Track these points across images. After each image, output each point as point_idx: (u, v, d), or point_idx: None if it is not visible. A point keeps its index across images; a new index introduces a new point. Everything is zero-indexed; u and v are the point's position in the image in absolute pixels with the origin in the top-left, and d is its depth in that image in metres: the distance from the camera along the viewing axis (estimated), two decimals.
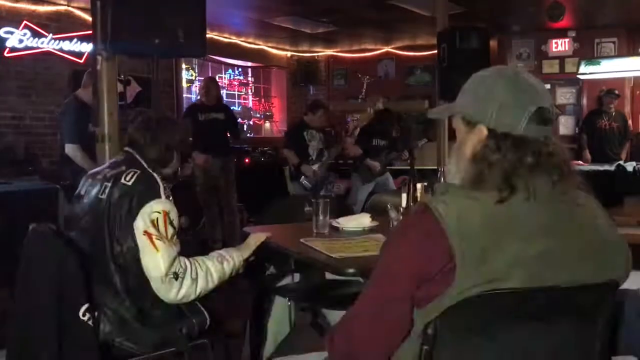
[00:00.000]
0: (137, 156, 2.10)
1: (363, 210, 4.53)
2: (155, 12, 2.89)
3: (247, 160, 7.70)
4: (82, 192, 2.10)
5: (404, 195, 2.25)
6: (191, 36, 3.05)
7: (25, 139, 6.03)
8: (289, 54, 10.28)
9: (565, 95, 8.47)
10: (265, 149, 8.38)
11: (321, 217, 2.35)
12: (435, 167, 5.96)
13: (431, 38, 7.23)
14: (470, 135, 1.29)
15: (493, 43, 6.75)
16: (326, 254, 1.97)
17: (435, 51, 5.60)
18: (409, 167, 6.16)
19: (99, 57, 3.11)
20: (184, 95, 8.69)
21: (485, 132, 1.25)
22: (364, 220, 2.46)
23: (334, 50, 10.15)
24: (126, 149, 2.16)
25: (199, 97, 6.50)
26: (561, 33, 8.25)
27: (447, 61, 5.27)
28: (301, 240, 2.20)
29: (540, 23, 7.78)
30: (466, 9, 6.64)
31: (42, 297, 1.85)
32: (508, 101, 1.24)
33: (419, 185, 2.08)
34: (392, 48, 9.73)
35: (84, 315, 1.83)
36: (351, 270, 1.85)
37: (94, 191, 2.03)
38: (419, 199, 2.08)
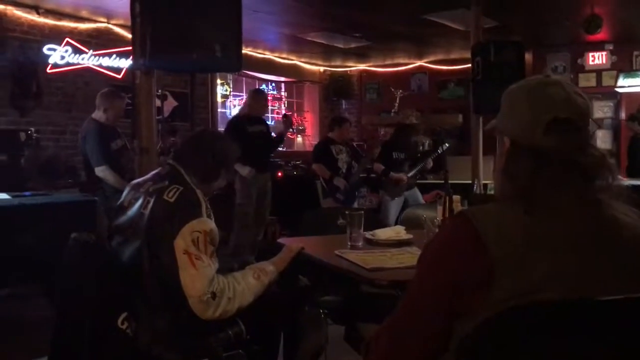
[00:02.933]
0: (182, 171, 2.12)
1: (396, 224, 4.52)
2: (193, 28, 2.94)
3: (279, 174, 7.75)
4: (125, 203, 2.13)
5: (439, 208, 2.24)
6: (227, 51, 3.09)
7: (65, 152, 6.19)
8: (321, 68, 10.35)
9: (602, 109, 8.32)
10: (297, 162, 8.42)
11: (355, 230, 2.34)
12: (470, 182, 5.91)
13: (465, 52, 7.20)
14: (501, 148, 1.31)
15: (528, 56, 6.70)
16: (361, 266, 1.97)
17: (469, 65, 5.57)
18: (442, 182, 6.18)
19: (138, 72, 3.18)
20: (219, 110, 8.82)
21: (508, 143, 1.27)
22: (399, 233, 2.45)
23: (367, 64, 10.18)
24: (171, 162, 2.18)
25: (243, 109, 6.34)
26: (598, 46, 8.12)
27: (482, 75, 5.23)
28: (335, 252, 2.20)
29: (576, 36, 7.68)
30: (501, 23, 6.60)
31: (81, 305, 1.89)
32: (524, 112, 1.24)
33: (455, 198, 2.07)
34: (425, 62, 9.71)
35: (122, 323, 1.86)
36: (386, 283, 1.85)
37: (137, 204, 2.06)
38: (455, 212, 2.07)
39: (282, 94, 10.27)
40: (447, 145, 6.31)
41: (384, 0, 6.05)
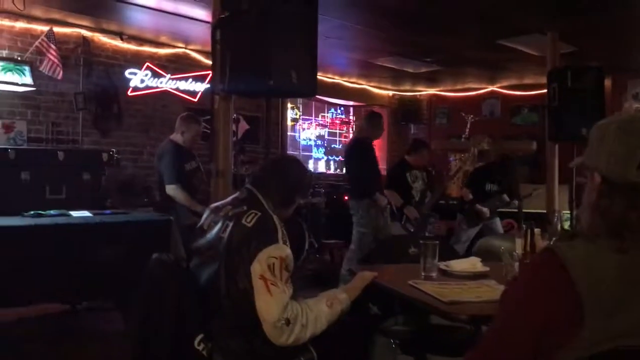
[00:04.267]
0: (259, 196, 2.16)
1: (467, 253, 4.41)
2: (270, 54, 3.01)
3: (346, 198, 7.76)
4: (205, 226, 2.18)
5: (518, 241, 2.17)
6: (303, 77, 3.14)
7: (142, 172, 6.44)
8: (390, 92, 10.35)
9: None
10: None
11: (429, 260, 2.30)
12: (544, 211, 5.72)
13: (539, 77, 7.04)
14: (590, 183, 1.28)
15: (607, 82, 6.44)
16: (437, 298, 1.93)
17: (544, 90, 5.43)
18: (515, 210, 6.00)
19: (217, 97, 3.28)
20: (288, 133, 8.95)
21: (599, 179, 1.24)
22: (475, 265, 2.39)
23: (436, 89, 10.10)
24: (249, 187, 2.23)
25: (361, 132, 5.97)
26: None
27: (558, 101, 5.08)
28: (410, 282, 2.17)
29: None
30: (578, 48, 6.41)
31: (160, 323, 1.94)
32: (615, 147, 1.21)
33: (536, 231, 2.00)
34: (498, 87, 9.54)
35: (199, 344, 1.90)
36: (464, 317, 1.80)
37: (216, 228, 2.11)
38: (537, 245, 2.00)
39: (351, 117, 10.32)
40: (538, 190, 6.01)
41: (458, 26, 6.01)
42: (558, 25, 5.65)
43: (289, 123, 9.09)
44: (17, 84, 5.06)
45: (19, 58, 5.56)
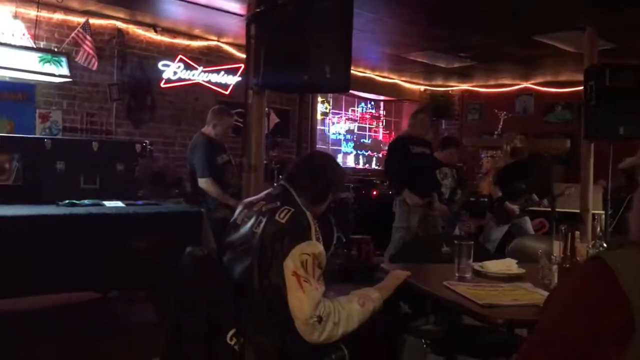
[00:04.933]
0: (293, 192, 2.16)
1: (496, 252, 4.35)
2: (305, 49, 2.99)
3: (374, 193, 7.73)
4: (239, 221, 2.19)
5: (556, 243, 2.12)
6: (337, 72, 3.11)
7: (174, 163, 6.50)
8: (422, 87, 10.26)
9: None
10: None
11: (464, 260, 2.28)
12: (577, 211, 5.61)
13: (575, 74, 6.90)
14: None
15: None
16: (473, 300, 1.90)
17: (580, 88, 5.32)
18: (547, 209, 5.90)
19: (250, 92, 3.27)
20: (318, 127, 8.94)
21: None
22: (510, 266, 2.35)
23: (469, 84, 9.98)
24: (282, 183, 2.22)
25: (407, 130, 5.67)
26: None
27: (595, 99, 4.97)
28: (444, 283, 2.14)
29: None
30: (617, 45, 6.25)
31: (193, 317, 1.95)
32: None
33: (576, 233, 1.95)
34: (532, 83, 9.38)
35: (231, 339, 1.90)
36: (500, 321, 1.77)
37: (250, 223, 2.11)
38: (577, 249, 1.95)
39: (381, 112, 10.27)
40: (572, 189, 5.85)
41: (494, 22, 5.91)
42: (597, 22, 5.52)
43: (319, 117, 9.07)
44: (54, 75, 5.14)
45: (56, 49, 5.65)
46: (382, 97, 10.00)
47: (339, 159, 9.38)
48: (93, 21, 6.03)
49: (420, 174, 5.02)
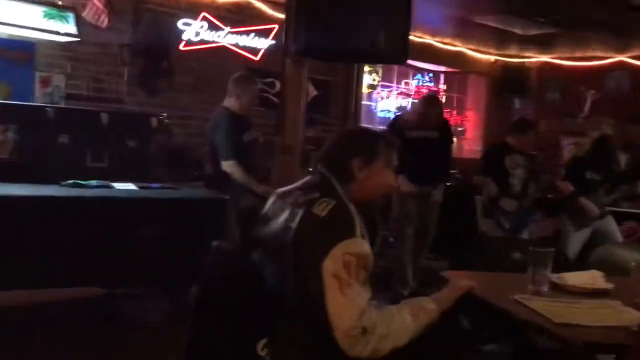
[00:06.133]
0: (333, 180, 2.18)
1: (577, 261, 4.33)
2: (355, 13, 3.02)
3: None
4: (270, 214, 2.22)
5: None
6: (392, 40, 3.14)
7: (194, 141, 6.58)
8: (492, 58, 10.15)
9: None
10: (453, 171, 8.32)
11: (540, 271, 2.29)
12: None
13: None
14: None
15: None
16: (548, 318, 1.92)
17: None
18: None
19: (288, 60, 3.32)
20: (363, 102, 8.93)
21: None
22: (595, 280, 2.36)
23: (549, 55, 9.85)
24: (321, 169, 2.24)
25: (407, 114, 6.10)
26: None
27: None
28: (515, 297, 2.16)
29: None
30: None
31: (219, 324, 2.02)
32: None
33: None
34: (628, 57, 9.19)
35: (262, 350, 1.96)
36: (580, 344, 1.78)
37: (283, 216, 2.14)
38: None
39: (441, 87, 10.21)
40: None
41: None
42: None
43: (365, 90, 9.07)
44: (59, 33, 5.26)
45: (61, 3, 5.77)
46: (442, 68, 9.94)
47: None
48: None
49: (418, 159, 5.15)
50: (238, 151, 4.69)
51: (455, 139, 9.06)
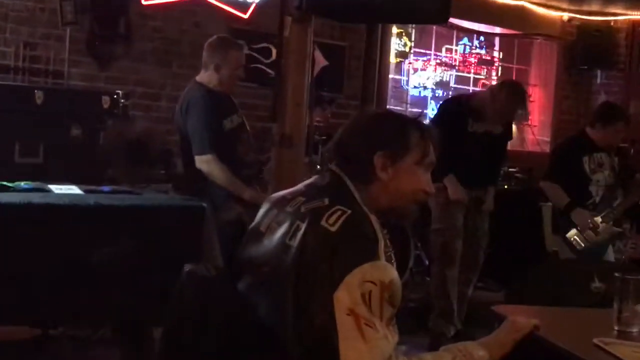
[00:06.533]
0: (347, 181, 2.20)
1: None
2: None
3: None
4: (263, 228, 2.23)
5: None
6: None
7: (160, 128, 6.58)
8: (565, 15, 10.15)
9: None
10: (512, 170, 8.33)
11: (629, 306, 2.30)
12: None
13: None
14: None
15: None
16: None
17: None
18: None
19: (288, 18, 3.33)
20: (390, 76, 8.92)
21: None
22: None
23: None
24: (333, 167, 2.26)
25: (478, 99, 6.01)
26: None
27: None
28: (595, 340, 2.17)
29: None
30: None
31: None
32: None
33: None
34: None
35: None
36: None
37: (281, 231, 2.15)
38: None
39: (495, 54, 10.21)
40: None
41: None
42: None
43: (393, 59, 9.07)
44: None
45: None
46: (497, 30, 9.95)
47: None
48: None
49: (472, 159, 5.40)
50: (218, 142, 4.68)
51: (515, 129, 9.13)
